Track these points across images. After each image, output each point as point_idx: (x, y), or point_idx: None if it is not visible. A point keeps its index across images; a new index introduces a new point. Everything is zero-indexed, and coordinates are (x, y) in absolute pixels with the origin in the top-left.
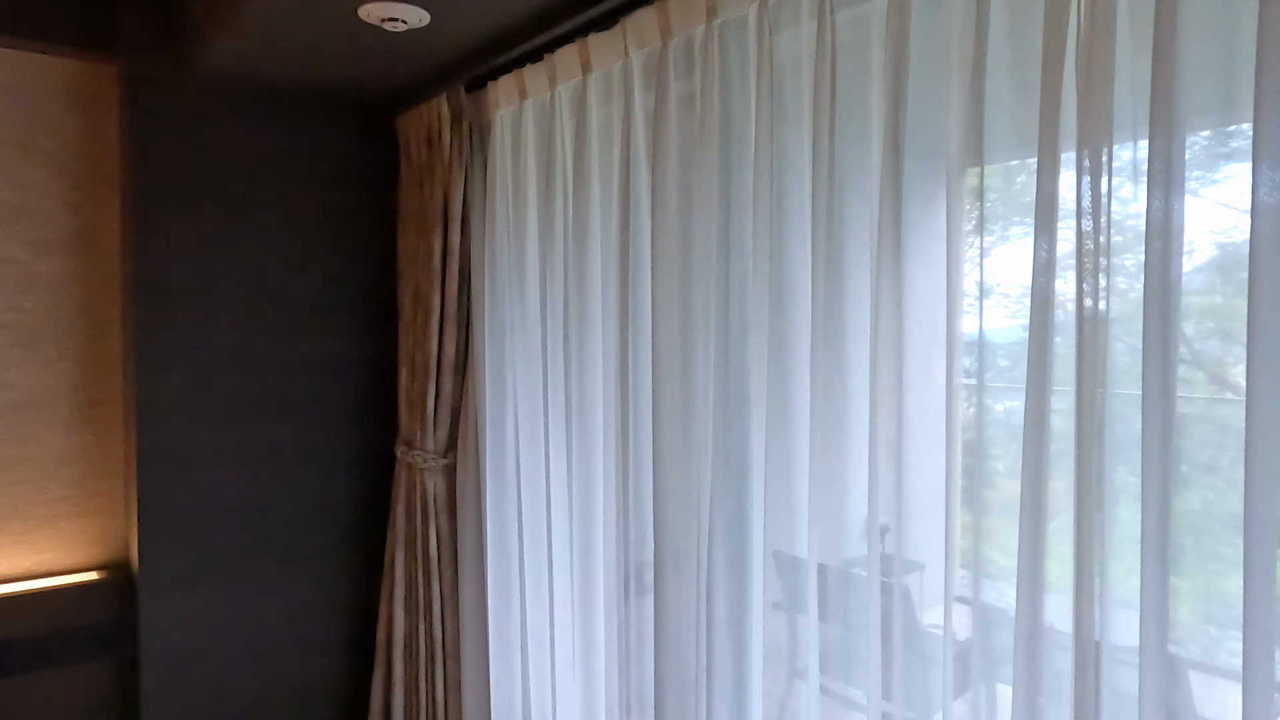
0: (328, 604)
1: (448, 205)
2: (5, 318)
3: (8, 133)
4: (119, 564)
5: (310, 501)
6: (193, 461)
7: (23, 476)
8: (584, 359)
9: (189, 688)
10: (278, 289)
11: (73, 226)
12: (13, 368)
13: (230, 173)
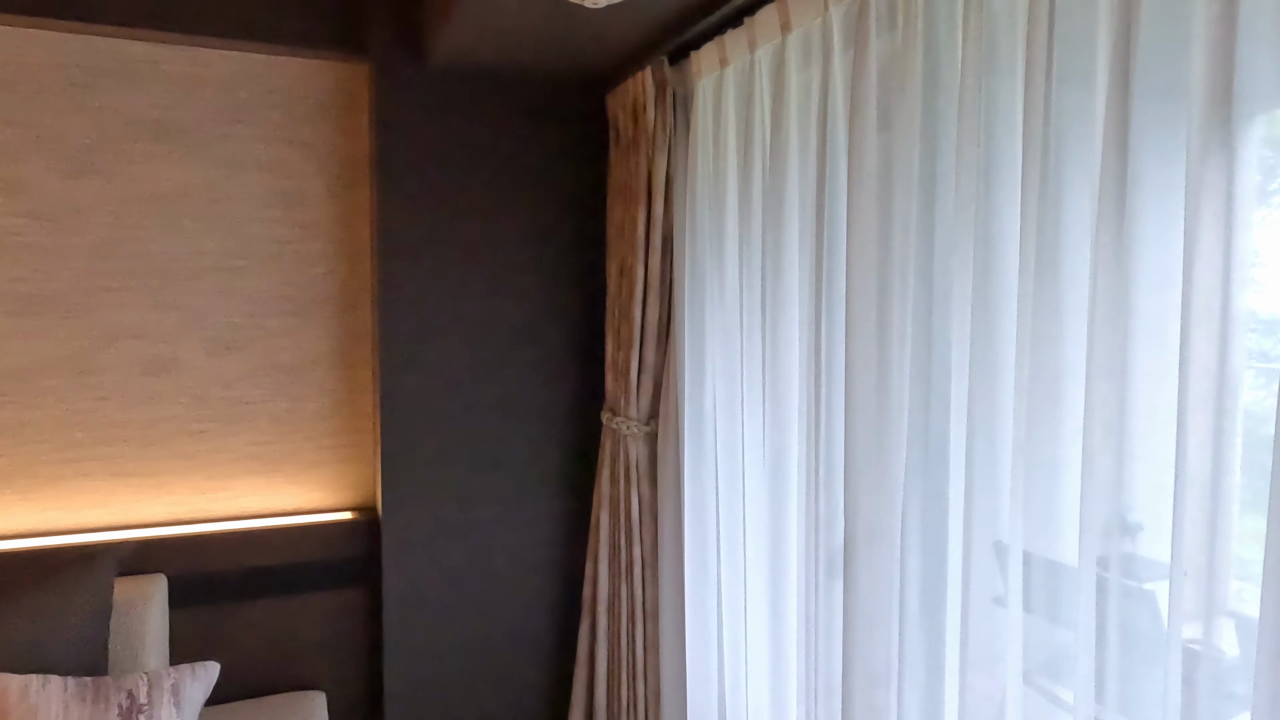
0: (542, 556)
1: (651, 177)
2: (283, 290)
3: (282, 131)
4: (369, 507)
5: (527, 461)
6: (426, 420)
7: (295, 427)
8: (779, 329)
9: (420, 618)
10: (499, 262)
11: (333, 211)
12: (288, 334)
13: (456, 155)
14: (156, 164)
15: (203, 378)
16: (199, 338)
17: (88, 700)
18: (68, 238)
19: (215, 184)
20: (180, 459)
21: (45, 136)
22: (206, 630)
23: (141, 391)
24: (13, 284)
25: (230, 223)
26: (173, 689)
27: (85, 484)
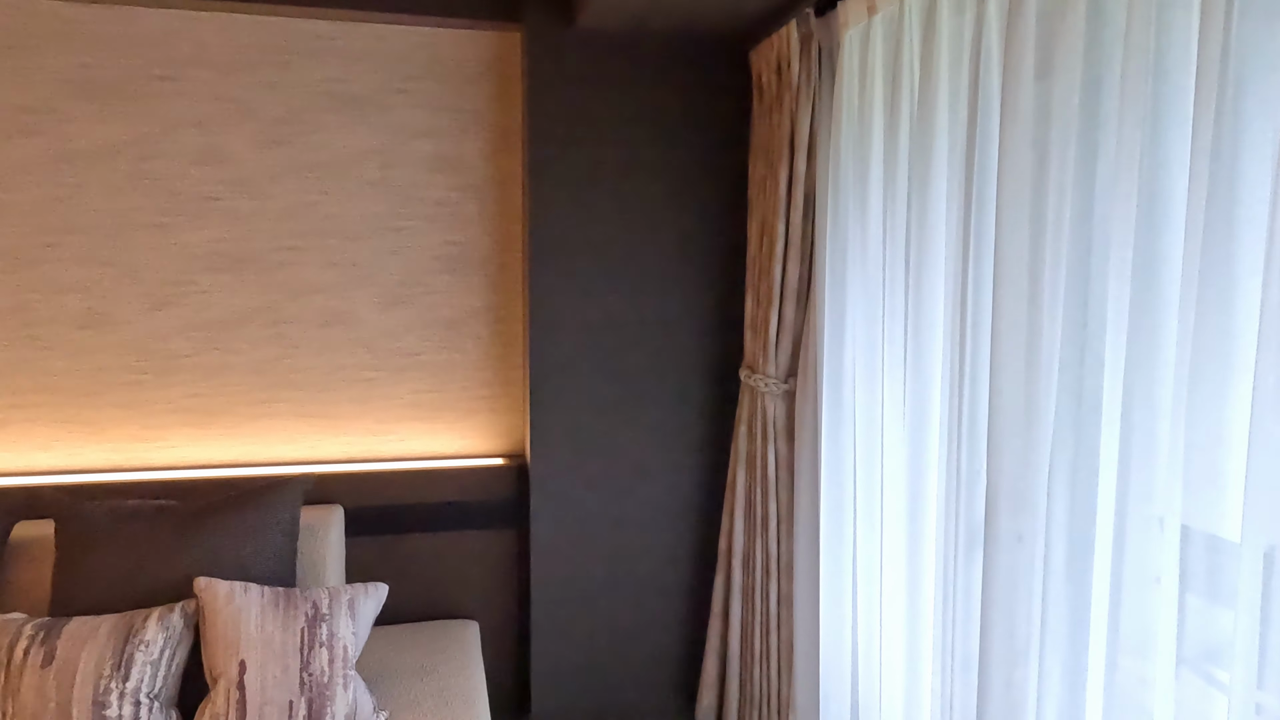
0: (678, 507)
1: (794, 133)
2: (443, 250)
3: (442, 99)
4: (518, 454)
5: (666, 415)
6: (571, 373)
7: (454, 378)
8: (922, 286)
9: (563, 559)
10: (643, 221)
11: (488, 174)
12: (447, 291)
13: (602, 117)
14: (334, 133)
15: (373, 330)
16: (370, 293)
17: (280, 606)
18: (261, 202)
19: (384, 150)
20: (353, 403)
21: (245, 110)
22: (375, 558)
23: (321, 342)
24: (216, 244)
25: (397, 186)
26: (349, 603)
27: (275, 423)
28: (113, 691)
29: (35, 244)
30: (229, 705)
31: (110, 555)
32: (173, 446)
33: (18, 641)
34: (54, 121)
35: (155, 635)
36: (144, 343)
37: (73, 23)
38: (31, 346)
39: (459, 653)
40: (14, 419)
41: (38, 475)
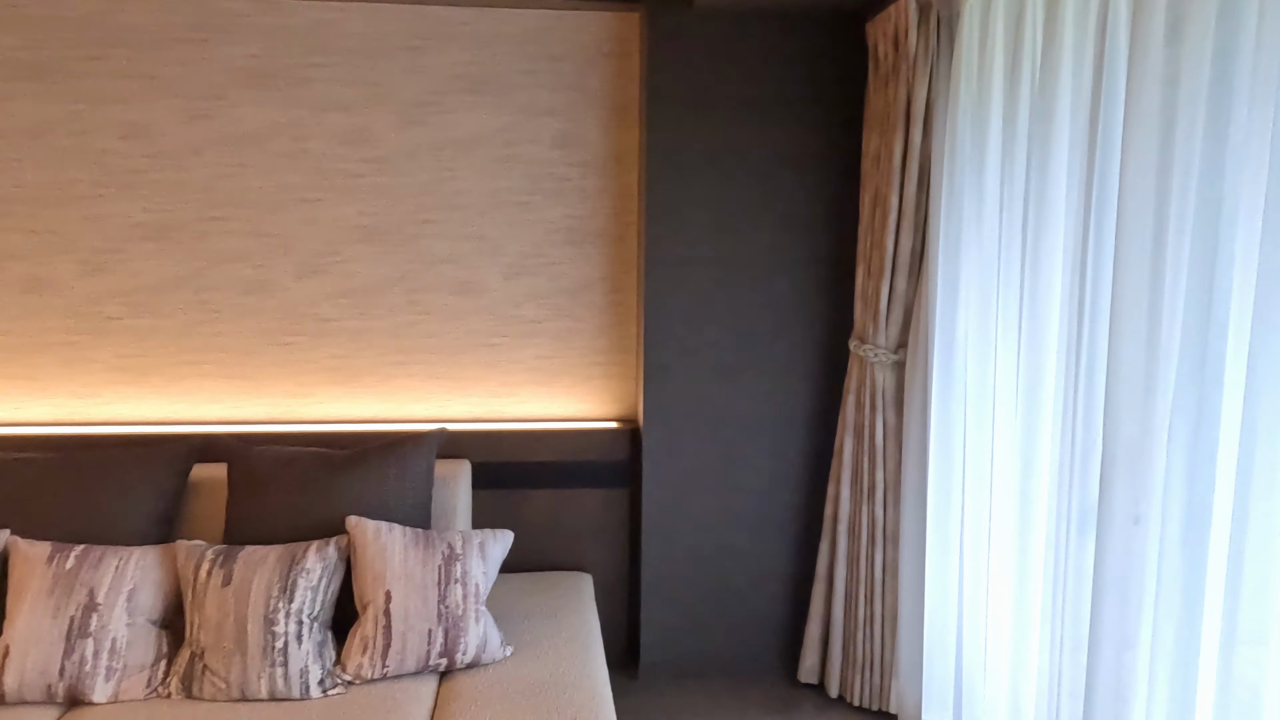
0: (784, 474)
1: (910, 104)
2: (563, 222)
3: (565, 79)
4: (630, 419)
5: (775, 383)
6: (683, 343)
7: (571, 345)
8: (1039, 258)
9: (672, 519)
10: (755, 194)
11: (607, 151)
12: (568, 262)
13: (716, 92)
14: (465, 113)
15: (498, 298)
16: (496, 264)
17: (420, 545)
18: (400, 179)
19: (510, 129)
20: (480, 366)
21: (386, 93)
22: (498, 510)
23: (451, 309)
24: (360, 218)
25: (522, 163)
26: (480, 546)
27: (409, 383)
28: (280, 610)
29: (205, 218)
30: (377, 629)
31: (275, 494)
32: (320, 402)
33: (201, 564)
34: (224, 107)
35: (314, 564)
36: (297, 308)
37: (242, 17)
38: (202, 310)
39: (575, 601)
40: (188, 374)
41: (210, 424)
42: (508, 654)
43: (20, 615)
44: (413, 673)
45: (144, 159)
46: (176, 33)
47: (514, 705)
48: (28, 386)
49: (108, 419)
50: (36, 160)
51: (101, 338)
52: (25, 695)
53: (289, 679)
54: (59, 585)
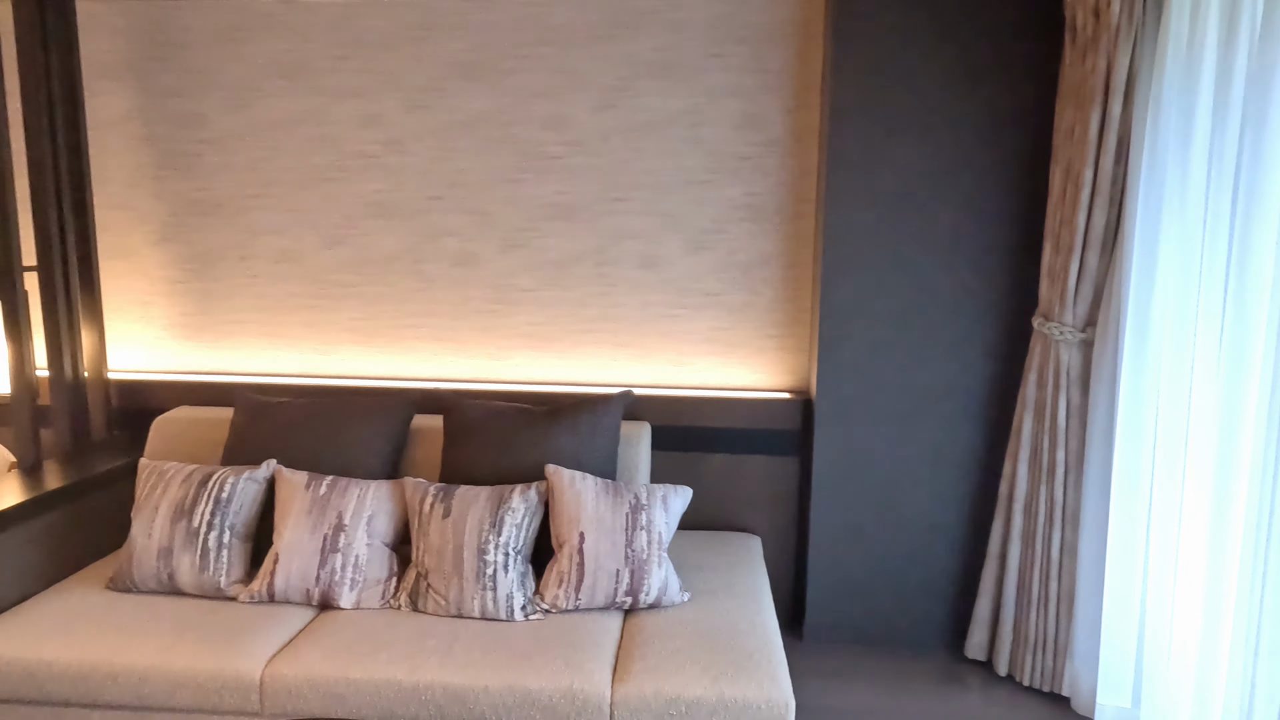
0: (958, 449)
1: (1110, 76)
2: (743, 200)
3: (749, 61)
4: (802, 390)
5: (951, 359)
6: (859, 316)
7: (748, 317)
8: (1250, 234)
9: (842, 489)
10: (937, 169)
11: (788, 129)
12: (746, 238)
13: (904, 67)
14: (654, 97)
15: (679, 272)
16: (678, 239)
17: (609, 494)
18: (593, 159)
19: (696, 110)
20: (660, 336)
21: (582, 79)
22: (674, 471)
23: (635, 281)
24: (556, 196)
25: (705, 142)
26: (663, 498)
27: (596, 349)
28: (490, 543)
29: (423, 197)
30: (571, 565)
31: (484, 442)
32: (517, 365)
33: (425, 498)
34: (441, 97)
35: (519, 504)
36: (498, 279)
37: (460, 14)
38: (419, 280)
39: (745, 559)
40: (406, 337)
41: (423, 381)
42: (685, 599)
43: (286, 530)
44: (601, 607)
45: (376, 145)
46: (405, 31)
47: (692, 643)
48: (278, 343)
49: (341, 373)
50: (290, 148)
51: (337, 302)
52: (290, 596)
53: (497, 602)
54: (315, 508)
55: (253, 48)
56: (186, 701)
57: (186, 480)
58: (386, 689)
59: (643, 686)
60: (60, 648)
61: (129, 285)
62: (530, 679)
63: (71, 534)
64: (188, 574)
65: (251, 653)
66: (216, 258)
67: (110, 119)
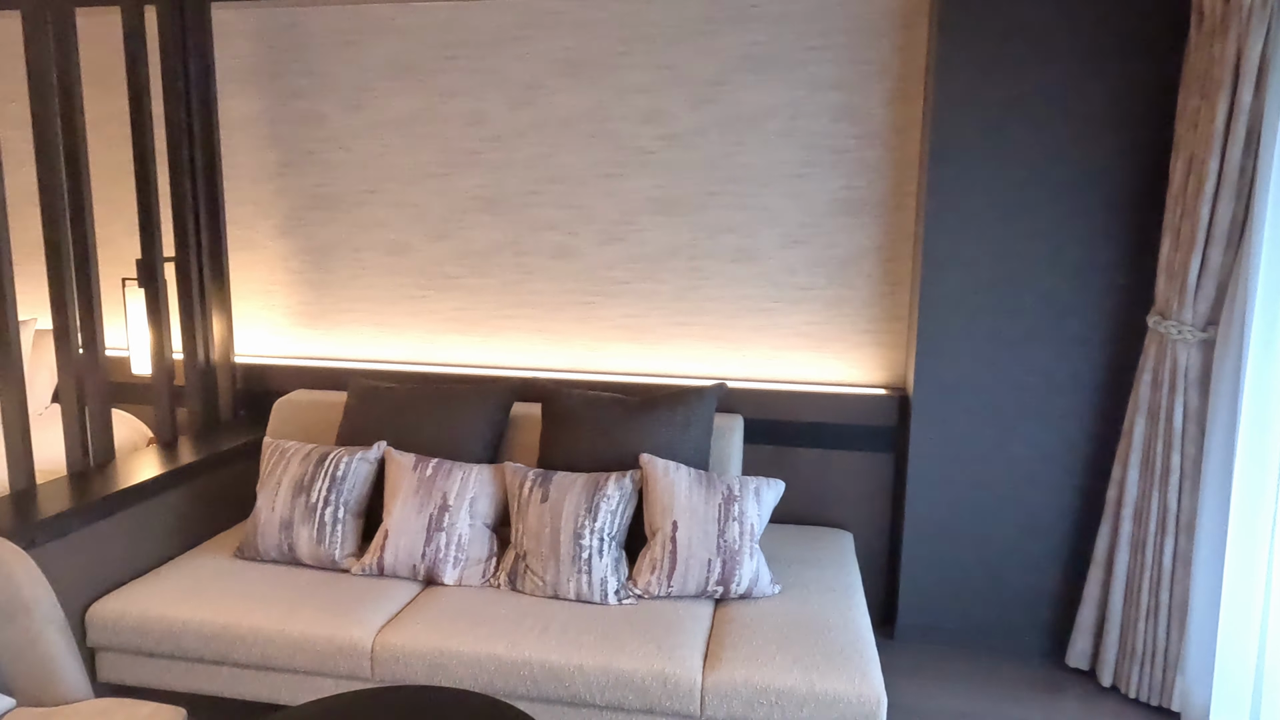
0: (1063, 451)
1: (1240, 61)
2: (841, 194)
3: (849, 52)
4: (898, 386)
5: (1058, 359)
6: (960, 312)
7: (843, 312)
8: None
9: (939, 488)
10: (1048, 160)
11: (888, 121)
12: (842, 231)
13: (1014, 56)
14: (752, 91)
15: (774, 265)
16: (773, 233)
17: (702, 484)
18: (690, 154)
19: (794, 103)
20: (753, 330)
21: (681, 75)
22: (766, 464)
23: (730, 275)
24: (653, 190)
25: (802, 135)
26: (755, 490)
27: (689, 341)
28: (586, 527)
29: (525, 191)
30: (664, 553)
31: (581, 430)
32: (612, 355)
33: (524, 482)
34: (544, 94)
35: (613, 491)
36: (596, 271)
37: (561, 14)
38: (520, 271)
39: (837, 555)
40: (506, 327)
41: (521, 369)
42: (776, 591)
43: (395, 508)
44: (692, 595)
45: (480, 142)
46: (510, 31)
47: (783, 634)
48: (386, 330)
49: (443, 360)
50: (402, 145)
51: (442, 293)
52: (397, 571)
53: (591, 585)
54: (421, 488)
55: (368, 50)
56: (304, 664)
57: (305, 459)
58: (488, 662)
59: (733, 674)
60: (195, 608)
61: (253, 275)
62: (623, 661)
63: (203, 505)
64: (306, 546)
65: (364, 622)
66: (332, 250)
67: (239, 120)
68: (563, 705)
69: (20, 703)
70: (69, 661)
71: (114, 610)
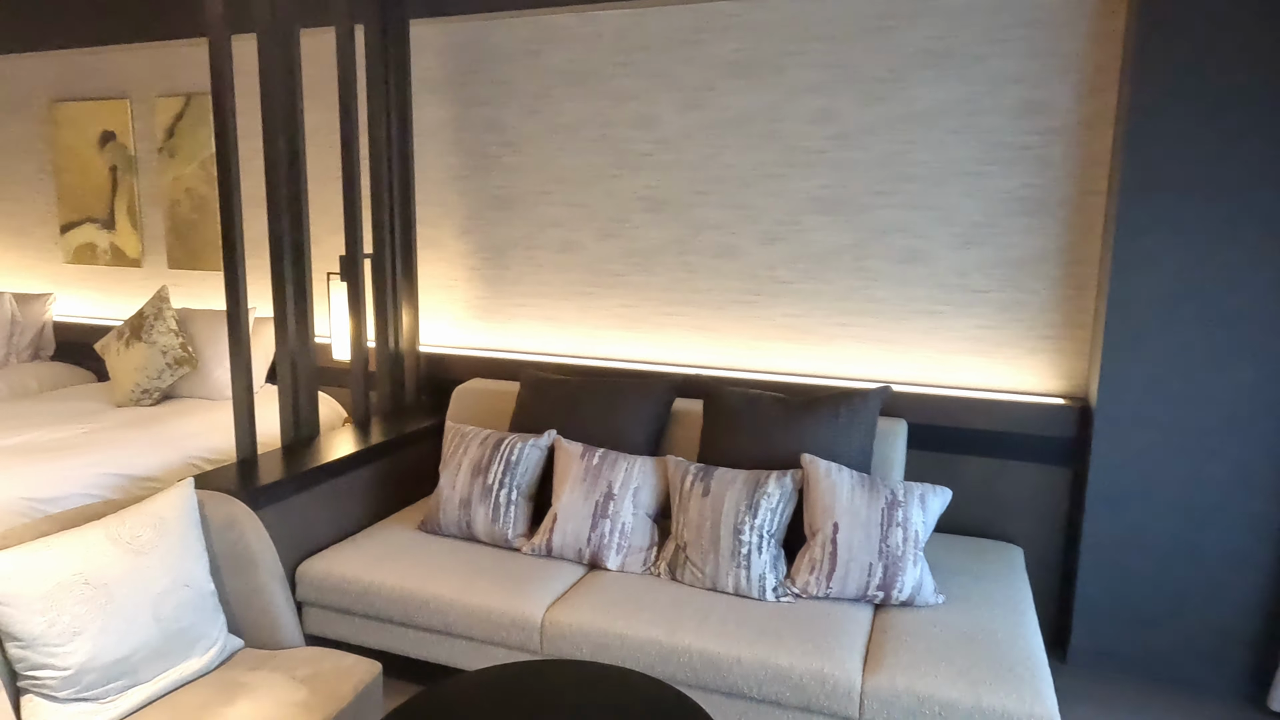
0: (1269, 474)
1: None
2: (1020, 192)
3: (1035, 45)
4: (1079, 396)
5: (1265, 374)
6: (1153, 320)
7: (1019, 316)
8: None
9: (1123, 507)
10: (1259, 157)
11: (1075, 116)
12: (1020, 231)
13: (1230, 36)
14: (926, 87)
15: (945, 267)
16: (946, 233)
17: (865, 487)
18: (859, 153)
19: (971, 99)
20: (920, 333)
21: (851, 74)
22: (930, 470)
23: (897, 276)
24: (820, 189)
25: (979, 132)
26: (921, 497)
27: (853, 343)
28: (746, 523)
29: (691, 192)
30: (824, 554)
31: (741, 427)
32: (771, 355)
33: (685, 476)
34: (713, 96)
35: (774, 490)
36: (758, 271)
37: (735, 16)
38: (683, 270)
39: (1006, 569)
40: (668, 324)
41: (680, 366)
42: (939, 601)
43: (564, 493)
44: (851, 598)
45: (648, 144)
46: (683, 35)
47: (947, 645)
48: (555, 324)
49: (607, 354)
50: (576, 148)
51: (608, 290)
52: (564, 553)
53: (750, 580)
54: (588, 476)
55: (547, 59)
56: (480, 633)
57: (483, 443)
58: (648, 646)
59: (894, 680)
60: (386, 574)
61: (436, 271)
62: (781, 656)
63: (391, 480)
64: (482, 524)
65: (534, 598)
66: (507, 247)
67: (429, 127)
68: (720, 695)
69: (247, 644)
70: (286, 612)
71: (319, 570)
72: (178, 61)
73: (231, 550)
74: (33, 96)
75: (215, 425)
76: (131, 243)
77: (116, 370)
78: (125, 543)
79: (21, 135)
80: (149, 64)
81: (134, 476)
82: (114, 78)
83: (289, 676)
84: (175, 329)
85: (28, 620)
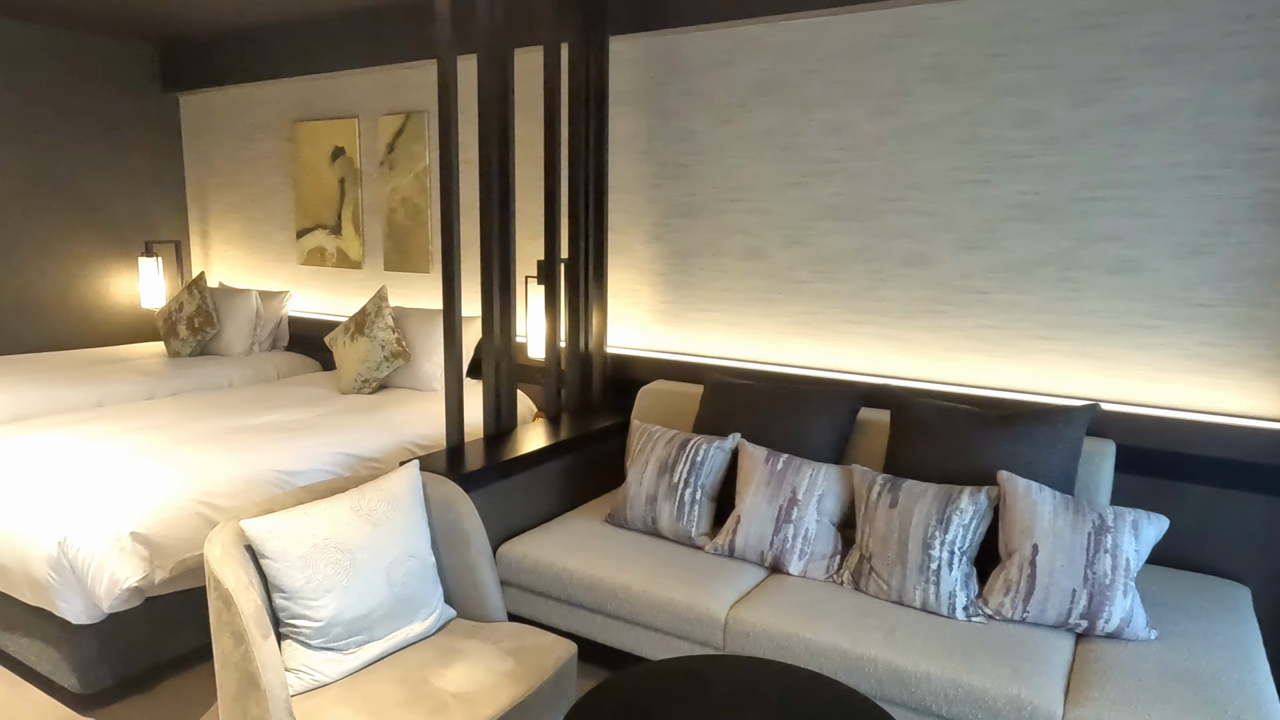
0: None
1: None
2: (1261, 197)
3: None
4: None
5: None
6: None
7: (1251, 333)
8: None
9: None
10: None
11: None
12: (1259, 240)
13: None
14: (1148, 86)
15: (1164, 279)
16: (1166, 242)
17: (1068, 509)
18: (1068, 157)
19: (1202, 98)
20: (1132, 349)
21: (1059, 75)
22: (1140, 496)
23: (1107, 287)
24: (1021, 196)
25: (1211, 133)
26: (1133, 524)
27: (1054, 358)
28: (936, 538)
29: (880, 199)
30: (1021, 576)
31: (932, 440)
32: (961, 367)
33: (872, 486)
34: (908, 101)
35: (967, 506)
36: (950, 280)
37: (936, 19)
38: (870, 278)
39: (1230, 607)
40: (853, 332)
41: (865, 375)
42: (1152, 636)
43: (748, 496)
44: (1050, 625)
45: (839, 151)
46: (877, 41)
47: (1162, 685)
48: (737, 330)
49: (788, 361)
50: (763, 157)
51: (791, 297)
52: (746, 555)
53: (939, 597)
54: (773, 480)
55: (737, 69)
56: (664, 625)
57: (669, 443)
58: (831, 653)
59: (1100, 715)
60: (578, 561)
61: (624, 276)
62: (974, 678)
63: (579, 474)
64: (666, 520)
65: (718, 596)
66: (693, 254)
67: (622, 138)
68: (906, 710)
69: (458, 615)
70: (492, 588)
71: (517, 553)
72: (399, 83)
73: (448, 528)
74: (280, 117)
75: (425, 414)
76: (354, 247)
77: (342, 361)
78: (365, 514)
79: (270, 152)
80: (374, 86)
81: (360, 456)
82: (345, 99)
83: (497, 647)
84: (392, 325)
85: (291, 575)
